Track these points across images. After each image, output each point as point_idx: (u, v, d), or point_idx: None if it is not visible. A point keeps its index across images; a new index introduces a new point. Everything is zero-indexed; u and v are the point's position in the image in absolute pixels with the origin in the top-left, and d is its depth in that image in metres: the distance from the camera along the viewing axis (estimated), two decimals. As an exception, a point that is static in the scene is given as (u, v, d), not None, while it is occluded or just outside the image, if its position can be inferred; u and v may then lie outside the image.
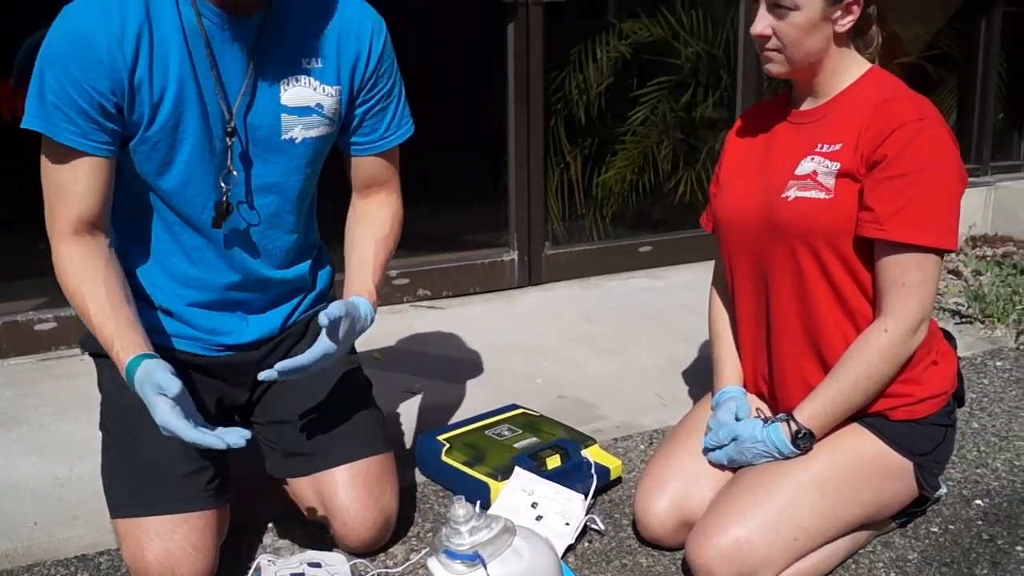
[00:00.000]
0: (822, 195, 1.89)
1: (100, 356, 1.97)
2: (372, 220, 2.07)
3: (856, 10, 1.91)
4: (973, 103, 5.37)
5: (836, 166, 1.89)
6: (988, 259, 4.45)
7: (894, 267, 1.85)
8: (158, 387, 1.65)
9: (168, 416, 1.64)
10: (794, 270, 1.95)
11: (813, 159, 1.93)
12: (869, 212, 1.84)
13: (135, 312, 1.81)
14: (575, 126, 4.20)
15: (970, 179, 2.11)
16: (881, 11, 2.00)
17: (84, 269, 1.79)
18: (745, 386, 2.14)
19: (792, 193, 1.93)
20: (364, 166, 2.05)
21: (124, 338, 1.75)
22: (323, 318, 1.76)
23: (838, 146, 1.91)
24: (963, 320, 3.59)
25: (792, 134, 2.03)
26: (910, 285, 1.84)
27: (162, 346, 1.89)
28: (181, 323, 1.97)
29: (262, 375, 1.80)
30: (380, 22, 1.97)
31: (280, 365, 1.78)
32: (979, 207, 5.07)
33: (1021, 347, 3.33)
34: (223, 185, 1.87)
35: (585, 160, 4.26)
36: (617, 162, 4.33)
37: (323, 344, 1.81)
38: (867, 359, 1.87)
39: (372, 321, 1.94)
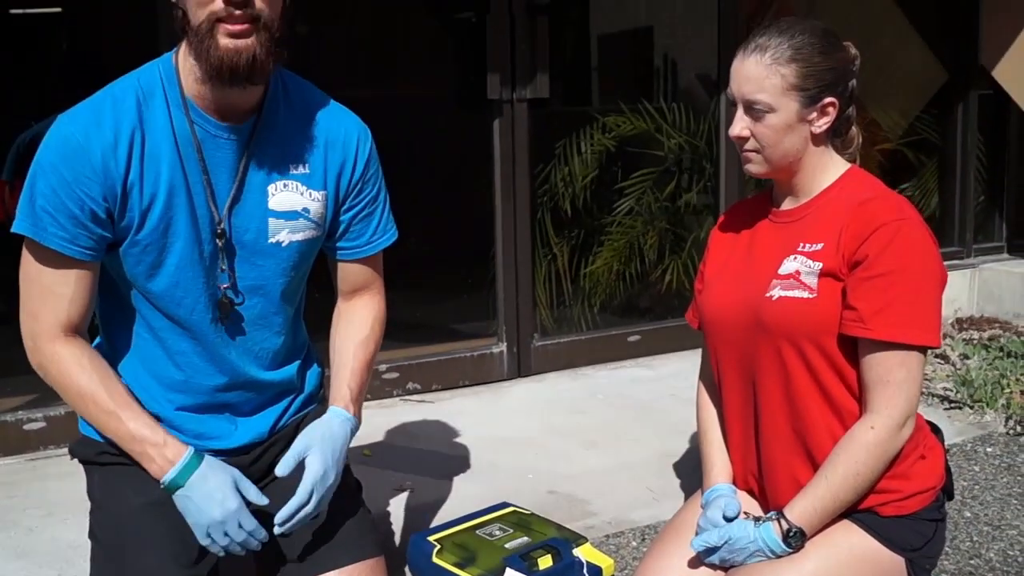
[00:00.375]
0: (805, 294, 1.92)
1: (90, 463, 1.96)
2: (353, 323, 2.09)
3: (832, 111, 1.95)
4: (953, 186, 5.46)
5: (818, 266, 1.92)
6: (975, 342, 4.47)
7: (878, 365, 1.87)
8: (239, 485, 1.82)
9: (244, 511, 1.81)
10: (780, 368, 1.97)
11: (795, 258, 1.96)
12: (852, 311, 1.87)
13: None
14: (561, 218, 4.25)
15: (954, 262, 2.15)
16: (860, 108, 2.05)
17: (96, 367, 1.81)
18: (735, 482, 2.14)
19: (776, 292, 1.95)
20: (349, 270, 2.08)
21: (163, 431, 1.83)
22: (280, 469, 1.85)
23: (820, 245, 1.94)
24: (952, 405, 3.60)
25: (774, 233, 2.06)
26: (895, 382, 1.86)
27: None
28: (170, 428, 1.96)
29: (277, 530, 1.84)
30: (365, 131, 2.01)
31: (280, 516, 1.84)
32: (963, 289, 5.12)
33: (1011, 432, 3.34)
34: (220, 286, 1.89)
35: (572, 251, 4.30)
36: (604, 252, 4.37)
37: (304, 489, 1.85)
38: (855, 456, 1.88)
39: (357, 428, 1.97)
